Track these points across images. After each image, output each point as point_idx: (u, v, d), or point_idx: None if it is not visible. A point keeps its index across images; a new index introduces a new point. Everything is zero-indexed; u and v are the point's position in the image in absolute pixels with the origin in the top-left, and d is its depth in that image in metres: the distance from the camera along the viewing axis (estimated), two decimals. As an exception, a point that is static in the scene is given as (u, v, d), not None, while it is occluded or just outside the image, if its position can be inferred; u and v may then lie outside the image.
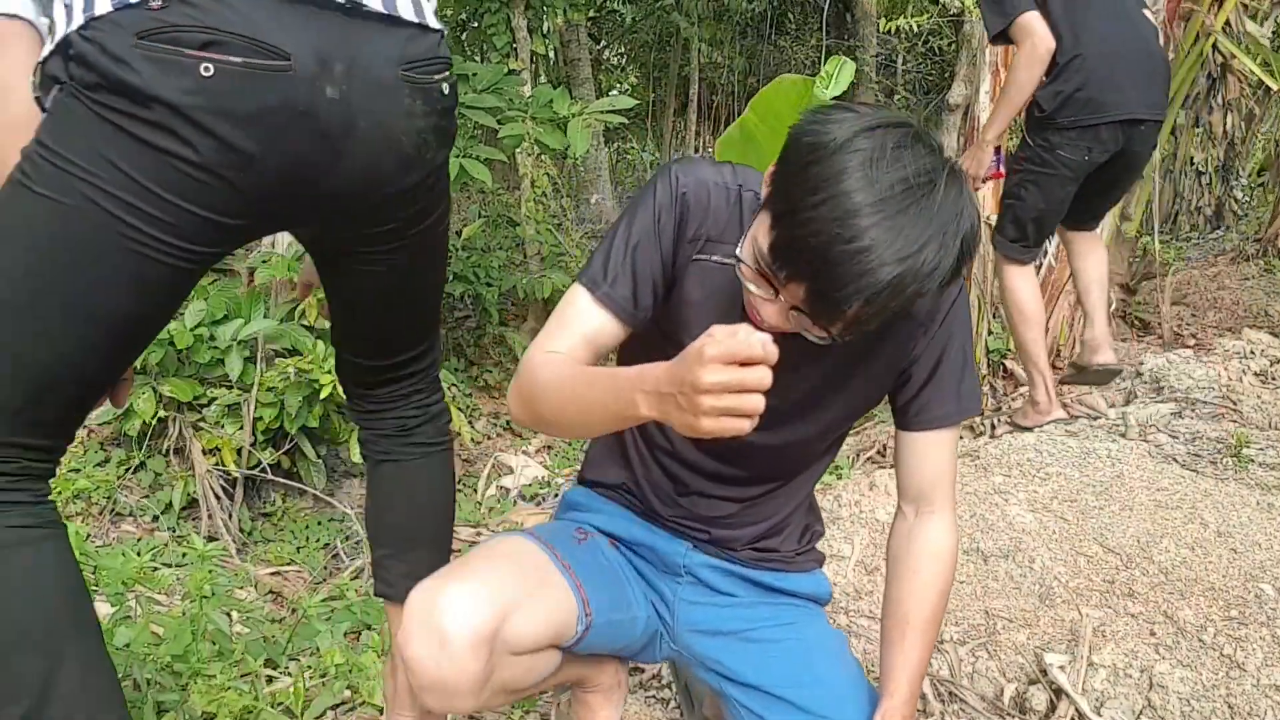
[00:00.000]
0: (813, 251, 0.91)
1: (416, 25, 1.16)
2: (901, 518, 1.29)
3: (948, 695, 1.98)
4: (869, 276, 0.89)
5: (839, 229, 0.89)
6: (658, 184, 1.18)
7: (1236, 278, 5.35)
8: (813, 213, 0.90)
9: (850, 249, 0.89)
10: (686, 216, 1.16)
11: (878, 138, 0.92)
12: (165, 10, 0.99)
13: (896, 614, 1.24)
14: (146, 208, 1.03)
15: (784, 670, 1.26)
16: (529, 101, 3.39)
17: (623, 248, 1.17)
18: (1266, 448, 2.91)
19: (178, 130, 1.00)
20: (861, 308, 0.92)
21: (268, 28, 1.02)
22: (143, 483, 3.30)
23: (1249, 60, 4.13)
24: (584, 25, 7.19)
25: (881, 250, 0.89)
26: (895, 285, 0.90)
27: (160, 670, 1.84)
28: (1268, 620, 2.02)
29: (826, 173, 0.91)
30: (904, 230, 0.89)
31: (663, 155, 9.24)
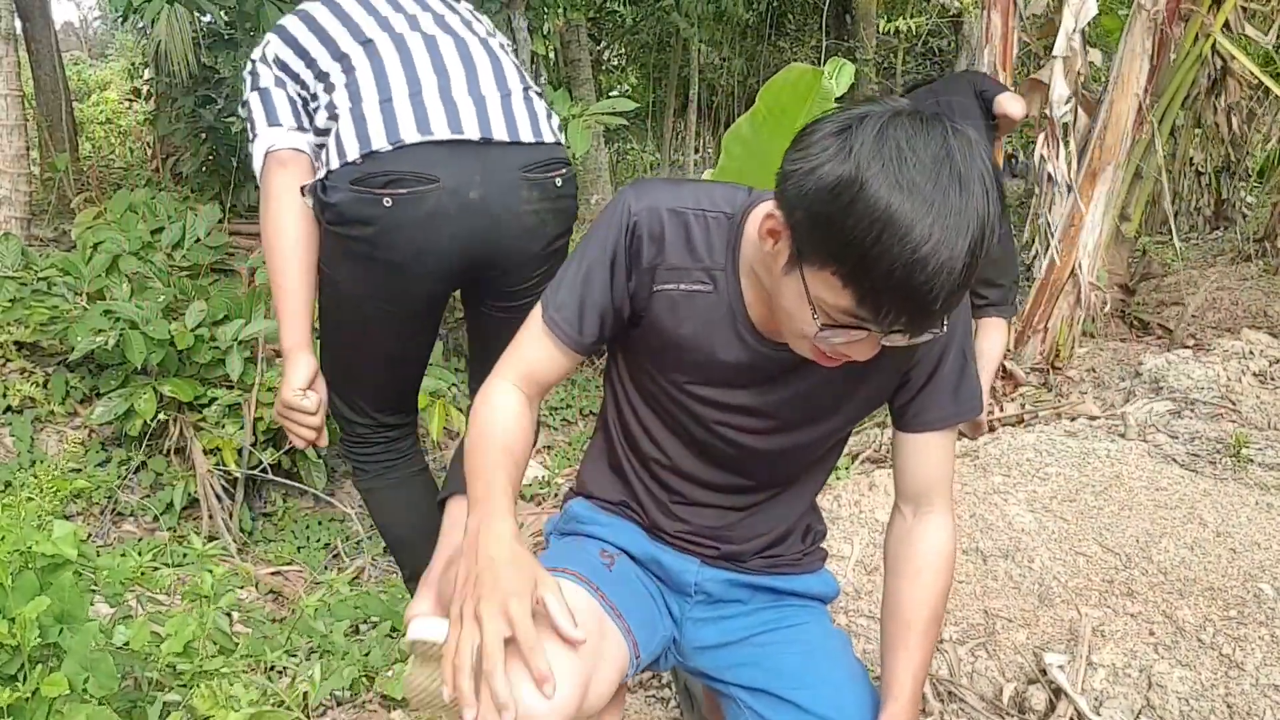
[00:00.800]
0: (899, 283, 0.91)
1: (533, 142, 1.69)
2: (899, 517, 1.28)
3: (947, 695, 1.98)
4: (949, 270, 0.91)
5: (909, 248, 0.89)
6: (612, 212, 1.16)
7: (1236, 278, 5.36)
8: (878, 250, 0.90)
9: (925, 258, 0.89)
10: (640, 247, 1.15)
11: (884, 147, 0.92)
12: (361, 165, 1.59)
13: (898, 617, 1.23)
14: (352, 283, 1.70)
15: (789, 673, 1.25)
16: (529, 102, 3.39)
17: (576, 275, 1.17)
18: (1265, 448, 2.92)
19: (367, 238, 1.62)
20: (954, 296, 0.94)
21: (425, 164, 1.59)
22: (143, 483, 3.31)
23: (1249, 61, 4.13)
24: (584, 26, 7.19)
25: (950, 241, 0.90)
26: (970, 259, 0.92)
27: (162, 670, 1.84)
28: (1267, 620, 2.02)
29: (865, 208, 0.90)
30: (953, 209, 0.91)
31: (663, 155, 9.24)
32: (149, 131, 7.47)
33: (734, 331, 1.16)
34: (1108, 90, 4.00)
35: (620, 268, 1.15)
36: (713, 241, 1.14)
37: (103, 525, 3.13)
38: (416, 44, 1.70)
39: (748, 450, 1.24)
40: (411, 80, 1.65)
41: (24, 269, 3.51)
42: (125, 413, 3.14)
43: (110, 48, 17.14)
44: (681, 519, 1.31)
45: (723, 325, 1.15)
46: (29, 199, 4.08)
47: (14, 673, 1.45)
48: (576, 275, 1.17)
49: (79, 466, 3.19)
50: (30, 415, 3.28)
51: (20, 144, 3.97)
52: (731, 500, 1.30)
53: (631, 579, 1.29)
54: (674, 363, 1.20)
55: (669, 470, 1.29)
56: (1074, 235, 4.03)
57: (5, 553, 1.48)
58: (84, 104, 10.08)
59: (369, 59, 1.66)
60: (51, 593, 1.52)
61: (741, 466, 1.27)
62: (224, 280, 3.95)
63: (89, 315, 3.14)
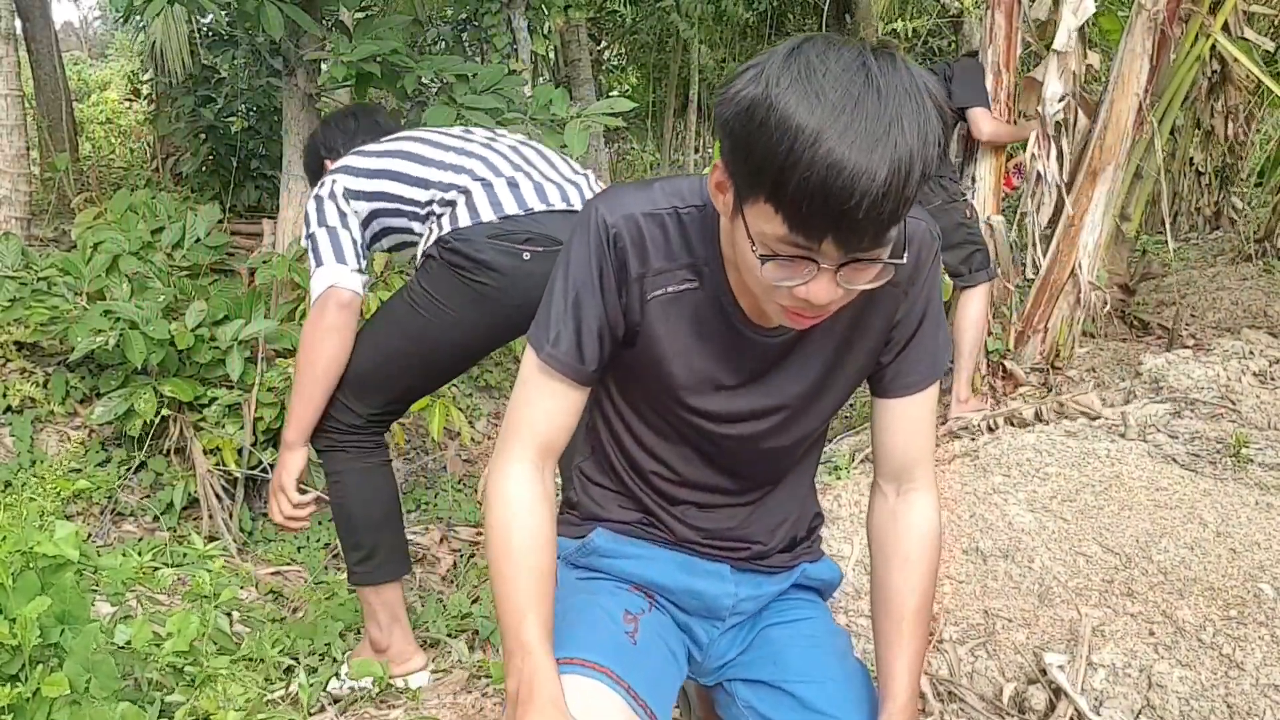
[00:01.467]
0: (817, 192, 0.88)
1: None
2: (881, 497, 1.26)
3: (947, 695, 1.98)
4: (867, 175, 0.87)
5: (820, 155, 0.87)
6: (586, 229, 1.12)
7: (1236, 278, 5.36)
8: (790, 160, 0.88)
9: (840, 162, 0.86)
10: (625, 259, 1.11)
11: (793, 64, 0.91)
12: (499, 225, 1.97)
13: (890, 609, 1.22)
14: (451, 303, 2.01)
15: (792, 665, 1.24)
16: (528, 102, 3.39)
17: (563, 303, 1.12)
18: (1266, 448, 2.92)
19: (499, 284, 1.98)
20: (882, 206, 0.89)
21: (552, 229, 1.97)
22: (143, 483, 3.31)
23: (1249, 62, 4.13)
24: (584, 25, 7.19)
25: (866, 145, 0.87)
26: (895, 165, 0.88)
27: (163, 670, 1.84)
28: (1267, 620, 2.02)
29: (775, 121, 0.89)
30: (868, 114, 0.88)
31: (663, 155, 9.24)
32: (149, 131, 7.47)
33: (725, 323, 1.14)
34: (1108, 90, 4.00)
35: (610, 285, 1.12)
36: (691, 236, 1.12)
37: (103, 525, 3.13)
38: (506, 149, 2.13)
39: (755, 449, 1.23)
40: (518, 168, 2.06)
41: (24, 269, 3.51)
42: (125, 413, 3.14)
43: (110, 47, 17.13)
44: (700, 527, 1.28)
45: (714, 319, 1.14)
46: (29, 199, 4.08)
47: (15, 673, 1.45)
48: (564, 303, 1.12)
49: (79, 467, 3.19)
50: (30, 415, 3.28)
51: (20, 144, 3.96)
52: (743, 498, 1.29)
53: (655, 644, 1.24)
54: (671, 375, 1.17)
55: (675, 483, 1.27)
56: (1074, 235, 4.03)
57: (6, 553, 1.48)
58: (84, 104, 10.08)
59: (481, 160, 2.07)
60: (53, 593, 1.52)
61: (748, 465, 1.26)
62: (224, 280, 3.95)
63: (89, 315, 3.14)
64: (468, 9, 5.71)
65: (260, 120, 6.11)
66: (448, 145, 2.12)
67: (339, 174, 2.12)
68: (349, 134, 2.35)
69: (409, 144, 2.14)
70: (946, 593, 2.28)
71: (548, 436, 1.15)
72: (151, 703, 1.77)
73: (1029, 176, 4.00)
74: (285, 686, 2.13)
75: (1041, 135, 3.95)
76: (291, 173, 3.91)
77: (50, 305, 3.30)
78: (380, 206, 2.09)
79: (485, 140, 2.16)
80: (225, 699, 1.77)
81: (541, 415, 1.15)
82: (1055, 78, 3.90)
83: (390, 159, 2.11)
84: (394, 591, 2.20)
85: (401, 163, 2.10)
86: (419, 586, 2.82)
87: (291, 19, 3.35)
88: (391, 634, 2.20)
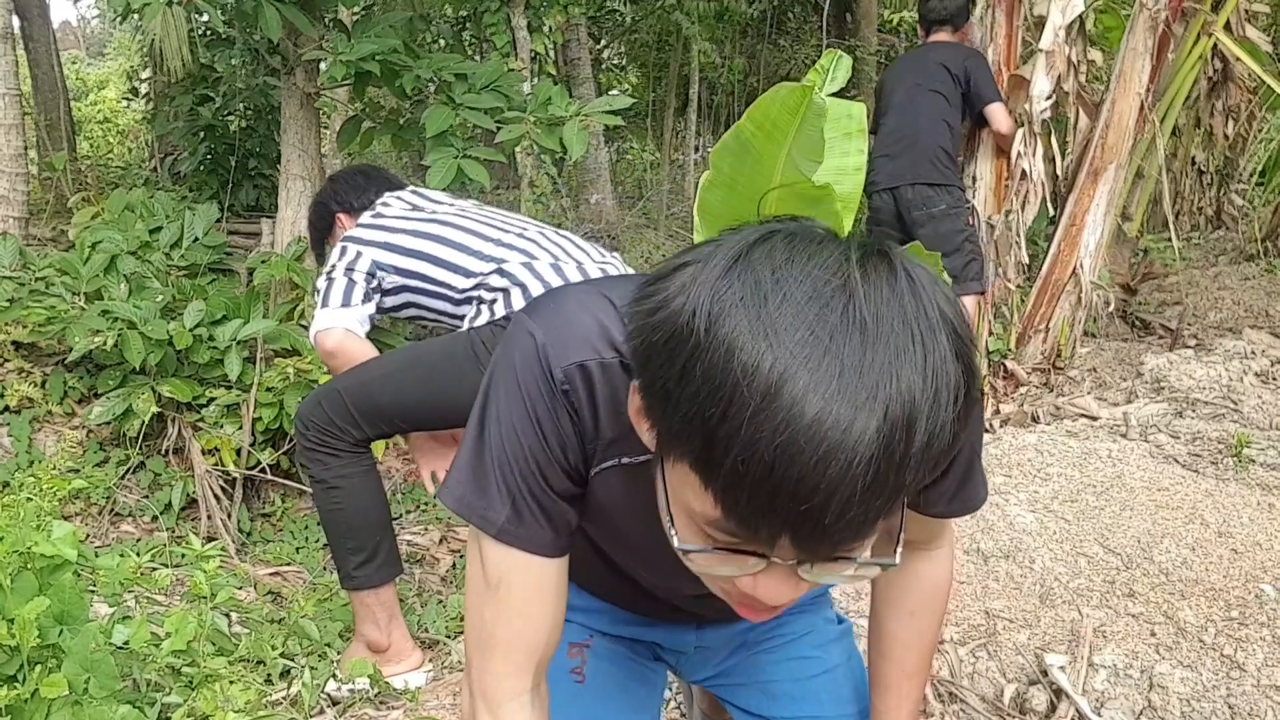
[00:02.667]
0: (762, 478, 0.60)
1: None
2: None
3: (948, 695, 1.97)
4: (845, 460, 0.59)
5: (770, 426, 0.59)
6: (532, 374, 0.84)
7: (1237, 278, 5.35)
8: (727, 429, 0.60)
9: (798, 439, 0.59)
10: (578, 421, 0.85)
11: (738, 281, 0.63)
12: None
13: (893, 658, 1.13)
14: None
15: (783, 697, 1.20)
16: (527, 101, 3.38)
17: (520, 468, 0.85)
18: (1267, 448, 2.91)
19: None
20: (865, 503, 0.61)
21: None
22: (142, 483, 3.30)
23: (1251, 61, 4.12)
24: (584, 25, 7.18)
25: (842, 416, 0.59)
26: (889, 447, 0.60)
27: (161, 671, 1.83)
28: (1268, 620, 2.01)
29: (703, 374, 0.61)
30: (849, 368, 0.60)
31: (662, 155, 9.23)
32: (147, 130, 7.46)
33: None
34: (1110, 89, 4.00)
35: (568, 436, 0.85)
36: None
37: (101, 525, 3.12)
38: (538, 235, 2.25)
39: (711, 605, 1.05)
40: (554, 254, 2.18)
41: (22, 269, 3.50)
42: (123, 413, 3.14)
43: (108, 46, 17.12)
44: (658, 601, 1.12)
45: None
46: (27, 198, 4.07)
47: (14, 673, 1.45)
48: (515, 468, 0.85)
49: (77, 467, 3.18)
50: (28, 415, 3.27)
51: (18, 143, 3.96)
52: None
53: (611, 670, 1.14)
54: (610, 550, 1.02)
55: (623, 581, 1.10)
56: (1076, 235, 4.03)
57: (4, 553, 1.47)
58: (82, 103, 10.07)
59: (520, 250, 2.17)
60: (51, 593, 1.52)
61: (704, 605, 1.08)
62: (222, 280, 3.94)
63: (87, 315, 3.13)
64: (467, 7, 5.70)
65: (258, 119, 6.10)
66: (487, 235, 2.22)
67: (367, 248, 2.21)
68: (361, 189, 2.44)
69: (445, 229, 2.24)
70: (947, 593, 2.28)
71: (537, 644, 0.90)
72: (150, 703, 1.76)
73: (1014, 174, 4.00)
74: (287, 687, 2.12)
75: (1028, 133, 3.94)
76: (290, 172, 3.90)
77: (48, 305, 3.29)
78: (416, 285, 2.20)
79: (519, 229, 2.27)
80: (224, 699, 1.76)
81: (524, 626, 0.89)
82: (1043, 76, 3.89)
83: (428, 242, 2.21)
84: (391, 591, 2.22)
85: (440, 248, 2.20)
86: (419, 586, 2.81)
87: (289, 20, 3.34)
88: (391, 633, 2.20)
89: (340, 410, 2.10)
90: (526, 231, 2.26)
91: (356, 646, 2.23)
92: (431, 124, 3.21)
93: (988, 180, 4.07)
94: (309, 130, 3.93)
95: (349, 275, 2.19)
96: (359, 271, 2.19)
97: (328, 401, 2.12)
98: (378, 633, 2.19)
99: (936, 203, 3.83)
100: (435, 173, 3.19)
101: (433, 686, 2.23)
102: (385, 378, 2.12)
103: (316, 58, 3.53)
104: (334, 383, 2.16)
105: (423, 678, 2.24)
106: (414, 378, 2.12)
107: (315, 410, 2.12)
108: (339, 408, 2.10)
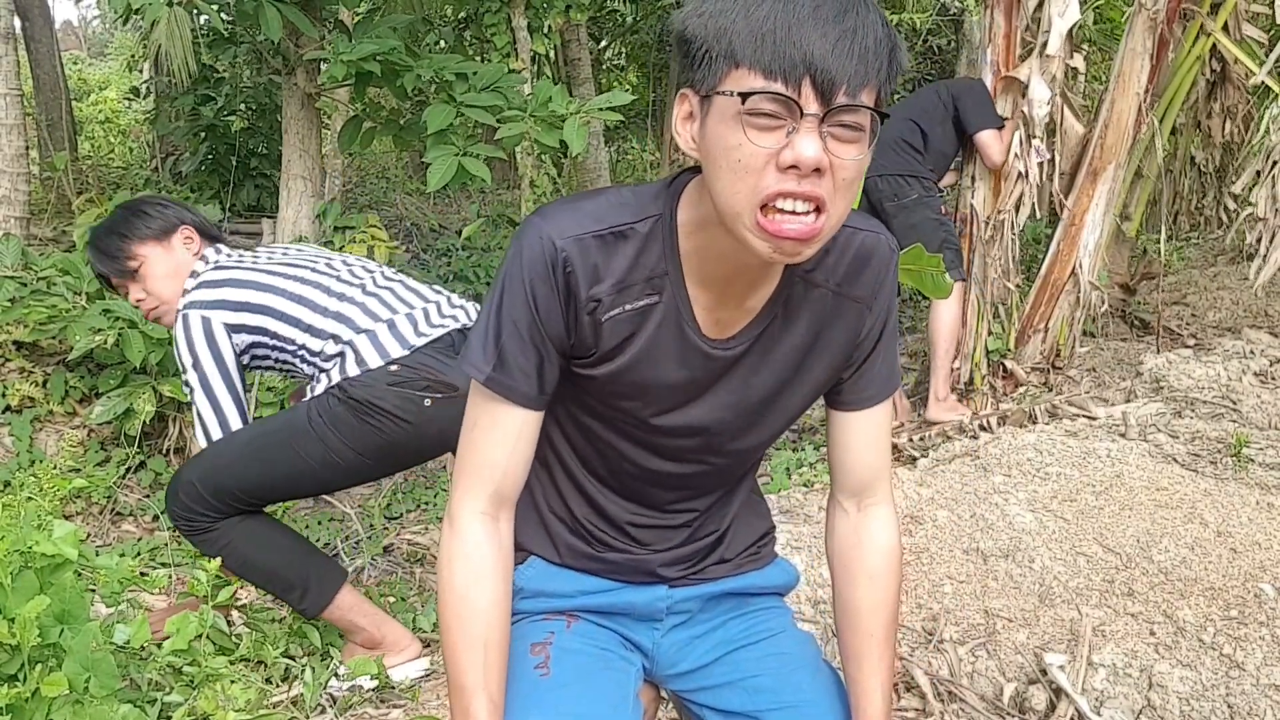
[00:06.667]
0: (783, 21, 0.90)
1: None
2: (842, 513, 1.23)
3: (948, 695, 1.98)
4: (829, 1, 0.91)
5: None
6: (530, 250, 1.04)
7: (1236, 277, 5.35)
8: (749, 7, 0.92)
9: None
10: (573, 284, 1.04)
11: None
12: (400, 371, 2.06)
13: (859, 627, 1.20)
14: (355, 445, 2.08)
15: (766, 690, 1.21)
16: (528, 100, 3.39)
17: (511, 326, 1.06)
18: (1266, 447, 2.91)
19: (406, 430, 2.06)
20: (851, 23, 0.91)
21: (446, 374, 2.07)
22: (143, 482, 3.31)
23: (1250, 60, 4.12)
24: (584, 25, 7.19)
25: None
26: (861, 12, 0.91)
27: (161, 670, 1.84)
28: (1267, 620, 2.02)
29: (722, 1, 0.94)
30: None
31: (662, 155, 9.24)
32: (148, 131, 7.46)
33: (681, 336, 1.09)
34: (1109, 89, 4.00)
35: (553, 309, 1.05)
36: (648, 250, 1.07)
37: (102, 525, 3.13)
38: (376, 288, 2.22)
39: (700, 462, 1.19)
40: (392, 308, 2.16)
41: (24, 269, 3.51)
42: (124, 412, 3.14)
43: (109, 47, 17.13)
44: (634, 559, 1.24)
45: (671, 332, 1.09)
46: (28, 198, 4.08)
47: (14, 672, 1.45)
48: (508, 326, 1.06)
49: (78, 466, 3.18)
50: (29, 415, 3.28)
51: (20, 143, 3.96)
52: (678, 519, 1.24)
53: (579, 661, 1.19)
54: (625, 389, 1.12)
55: (608, 522, 1.22)
56: (1075, 235, 4.03)
57: (5, 552, 1.48)
58: (83, 103, 10.07)
59: (359, 306, 2.16)
60: (52, 593, 1.52)
61: (696, 482, 1.21)
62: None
63: (88, 315, 3.14)
64: (468, 8, 5.71)
65: (260, 119, 6.12)
66: (331, 290, 2.19)
67: (213, 310, 2.13)
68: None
69: (282, 281, 2.19)
70: (947, 593, 2.28)
71: (504, 477, 1.11)
72: (151, 702, 1.77)
73: (1008, 176, 3.99)
74: (288, 687, 2.13)
75: (1025, 136, 3.94)
76: (291, 172, 3.91)
77: (49, 305, 3.30)
78: (260, 341, 2.17)
79: (358, 280, 2.23)
80: (225, 699, 1.77)
81: (493, 451, 1.10)
82: (1039, 79, 3.89)
83: (268, 294, 2.16)
84: (349, 594, 2.19)
85: (279, 300, 2.16)
86: (419, 586, 2.81)
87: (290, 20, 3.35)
88: (380, 626, 2.20)
89: (197, 497, 2.06)
90: (367, 283, 2.23)
91: (353, 646, 2.23)
92: (433, 121, 3.22)
93: (986, 180, 4.07)
94: (310, 130, 3.94)
95: (216, 376, 2.13)
96: (216, 336, 2.14)
97: (184, 492, 2.07)
98: (370, 631, 2.19)
99: (908, 193, 3.88)
100: (436, 170, 3.20)
101: (433, 686, 2.23)
102: (233, 463, 2.08)
103: (318, 58, 3.53)
104: (186, 472, 2.11)
105: (424, 665, 2.24)
106: (259, 457, 2.09)
107: (176, 501, 2.08)
108: (194, 495, 2.06)
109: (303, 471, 2.09)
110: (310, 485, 2.20)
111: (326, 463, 2.08)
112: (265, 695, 2.04)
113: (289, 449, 2.08)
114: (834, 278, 1.11)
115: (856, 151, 0.94)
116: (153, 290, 2.24)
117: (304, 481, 2.14)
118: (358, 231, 3.87)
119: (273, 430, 2.14)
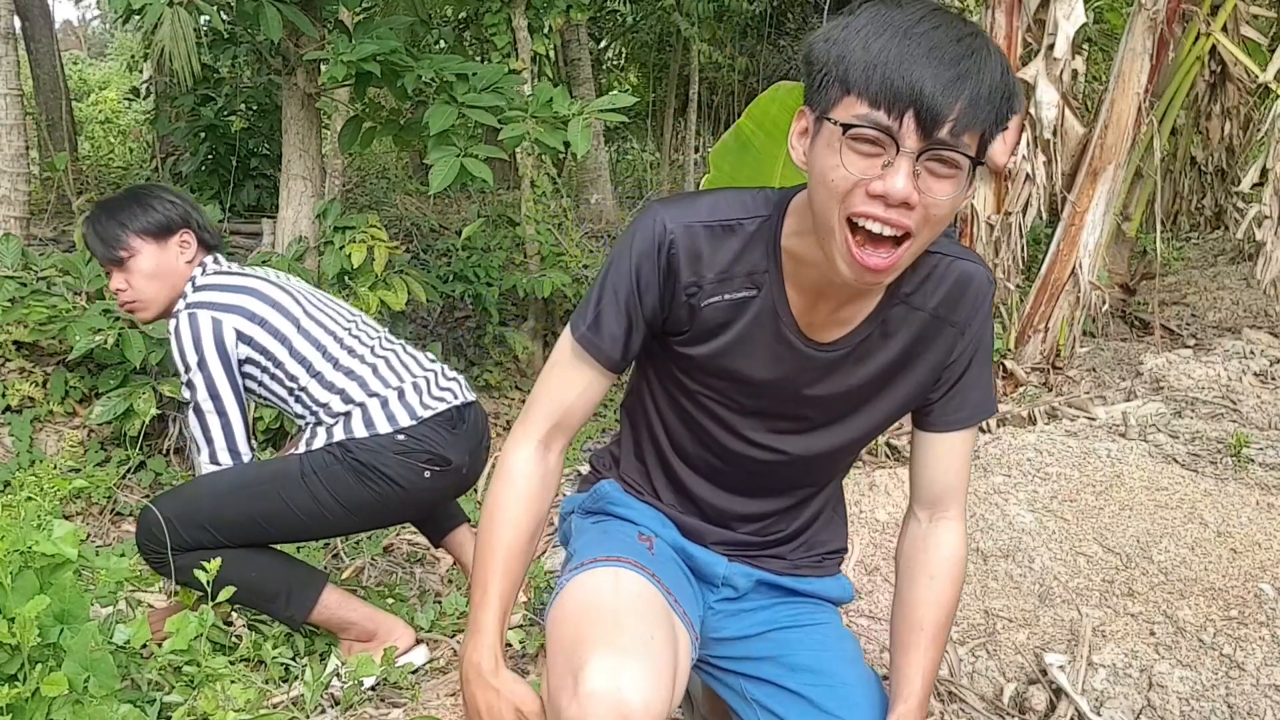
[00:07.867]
0: (894, 49, 0.94)
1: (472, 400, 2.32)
2: (915, 521, 1.29)
3: (948, 695, 1.98)
4: (940, 46, 0.94)
5: (893, 28, 0.94)
6: (642, 230, 1.15)
7: (1236, 277, 5.35)
8: (865, 35, 0.95)
9: (910, 31, 0.94)
10: (675, 265, 1.14)
11: (874, 8, 0.98)
12: (407, 441, 2.11)
13: (911, 619, 1.25)
14: (347, 502, 2.11)
15: (804, 668, 1.26)
16: (529, 101, 3.39)
17: (608, 295, 1.17)
18: (1266, 448, 2.91)
19: (400, 496, 2.13)
20: (960, 72, 0.94)
21: (447, 449, 2.16)
22: (143, 482, 3.31)
23: (1249, 60, 4.12)
24: (584, 25, 7.19)
25: (937, 35, 0.94)
26: (968, 52, 0.94)
27: (161, 670, 1.84)
28: (1268, 620, 2.02)
29: (853, 28, 0.97)
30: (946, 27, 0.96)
31: (662, 155, 9.24)
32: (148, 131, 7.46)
33: (777, 333, 1.16)
34: (1109, 90, 4.00)
35: (652, 290, 1.15)
36: (752, 247, 1.14)
37: (102, 525, 3.12)
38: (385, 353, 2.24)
39: (782, 459, 1.25)
40: (400, 375, 2.20)
41: (24, 269, 3.51)
42: (124, 412, 3.14)
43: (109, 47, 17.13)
44: (710, 527, 1.32)
45: (767, 327, 1.16)
46: (28, 198, 4.07)
47: (14, 672, 1.45)
48: (609, 294, 1.16)
49: (78, 466, 3.18)
50: (29, 415, 3.28)
51: (20, 143, 3.96)
52: (757, 509, 1.31)
53: (671, 563, 1.30)
54: (716, 375, 1.20)
55: (696, 486, 1.31)
56: (1075, 235, 4.03)
57: (5, 552, 1.48)
58: (83, 103, 10.07)
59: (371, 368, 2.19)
60: (51, 592, 1.52)
61: (771, 476, 1.28)
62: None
63: (88, 315, 3.14)
64: (468, 8, 5.71)
65: (260, 119, 6.11)
66: (343, 343, 2.20)
67: (227, 314, 2.09)
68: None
69: (305, 319, 2.18)
70: (947, 593, 2.28)
71: (565, 416, 1.21)
72: (150, 702, 1.77)
73: (1015, 178, 3.99)
74: (288, 688, 2.13)
75: (1031, 138, 3.94)
76: (291, 172, 3.91)
77: (49, 305, 3.30)
78: (260, 363, 2.13)
79: (369, 340, 2.25)
80: (225, 699, 1.77)
81: (563, 393, 1.20)
82: (1046, 82, 3.89)
83: (288, 324, 2.15)
84: (334, 592, 2.19)
85: (296, 335, 2.15)
86: (419, 586, 2.81)
87: (290, 20, 3.35)
88: (372, 618, 2.20)
89: (172, 533, 2.03)
90: (376, 348, 2.24)
91: (349, 643, 2.22)
92: (434, 122, 3.22)
93: (987, 181, 4.07)
94: (310, 130, 3.94)
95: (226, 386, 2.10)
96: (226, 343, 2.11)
97: (157, 527, 2.02)
98: (364, 626, 2.19)
99: None
100: (438, 171, 3.20)
101: (433, 685, 2.23)
102: (216, 506, 2.06)
103: (317, 58, 3.53)
104: (163, 507, 2.06)
105: (423, 653, 2.24)
106: (244, 503, 2.07)
107: (147, 534, 2.04)
108: (169, 530, 2.02)
109: (286, 521, 2.09)
110: (290, 534, 2.18)
111: (312, 514, 2.09)
112: (265, 695, 2.04)
113: (278, 499, 2.08)
114: (932, 301, 1.17)
115: (951, 189, 0.98)
116: (134, 284, 2.19)
117: (286, 530, 2.14)
118: (358, 232, 3.86)
119: (263, 478, 2.10)
